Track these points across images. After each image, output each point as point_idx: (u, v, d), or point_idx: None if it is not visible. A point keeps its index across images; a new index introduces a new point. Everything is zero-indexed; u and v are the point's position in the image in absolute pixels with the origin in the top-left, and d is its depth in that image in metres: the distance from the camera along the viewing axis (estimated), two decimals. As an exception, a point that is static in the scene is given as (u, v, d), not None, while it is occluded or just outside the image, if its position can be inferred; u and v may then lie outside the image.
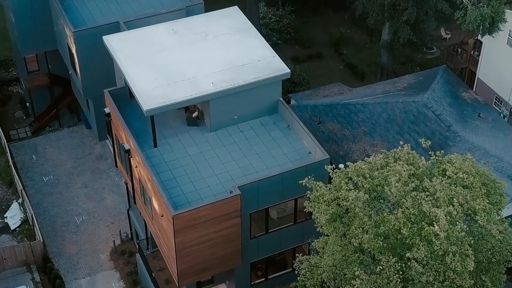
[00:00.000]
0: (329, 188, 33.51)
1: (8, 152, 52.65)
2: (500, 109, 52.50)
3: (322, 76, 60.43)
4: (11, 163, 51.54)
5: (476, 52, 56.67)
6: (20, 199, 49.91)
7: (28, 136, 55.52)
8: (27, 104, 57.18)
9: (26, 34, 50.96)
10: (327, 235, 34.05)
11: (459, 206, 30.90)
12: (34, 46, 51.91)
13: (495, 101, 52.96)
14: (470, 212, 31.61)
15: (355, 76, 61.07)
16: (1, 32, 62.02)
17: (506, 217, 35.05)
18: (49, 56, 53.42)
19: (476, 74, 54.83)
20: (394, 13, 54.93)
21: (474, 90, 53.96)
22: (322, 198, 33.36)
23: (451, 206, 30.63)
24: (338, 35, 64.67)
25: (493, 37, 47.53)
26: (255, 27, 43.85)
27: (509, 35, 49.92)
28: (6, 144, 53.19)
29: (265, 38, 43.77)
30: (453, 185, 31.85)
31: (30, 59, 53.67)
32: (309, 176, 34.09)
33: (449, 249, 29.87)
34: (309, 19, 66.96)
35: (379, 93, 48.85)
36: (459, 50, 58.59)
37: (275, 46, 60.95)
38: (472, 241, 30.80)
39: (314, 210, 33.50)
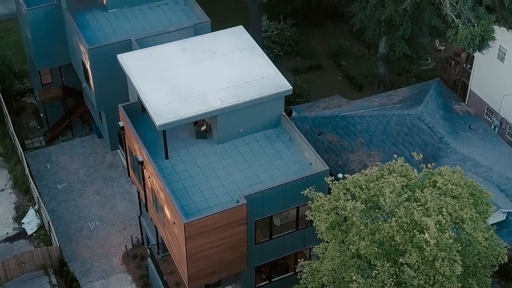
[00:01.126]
0: (329, 198, 35.62)
1: (25, 161, 54.52)
2: (491, 119, 54.42)
3: (322, 86, 62.08)
4: (27, 171, 53.40)
5: (468, 65, 58.47)
6: (36, 205, 51.81)
7: (42, 145, 57.27)
8: (41, 114, 58.85)
9: (41, 49, 52.89)
10: (327, 242, 36.09)
11: (448, 215, 33.05)
12: (49, 61, 53.85)
13: (486, 112, 54.89)
14: (458, 221, 33.71)
15: (354, 86, 62.72)
16: (15, 44, 63.88)
17: (492, 224, 37.19)
18: (63, 69, 55.11)
19: (468, 85, 56.74)
20: (390, 28, 56.53)
21: (466, 101, 55.84)
22: (322, 207, 35.46)
23: (440, 215, 32.75)
24: (337, 47, 66.37)
25: (483, 53, 49.36)
26: (258, 41, 45.20)
27: (499, 50, 51.81)
28: (22, 153, 54.94)
29: (267, 51, 45.19)
30: (442, 196, 34.00)
31: (44, 72, 55.48)
32: (310, 187, 36.31)
33: (439, 255, 31.98)
34: (309, 32, 68.62)
35: (376, 106, 50.70)
36: (453, 62, 60.43)
37: (276, 58, 62.99)
38: (460, 248, 32.86)
39: (315, 218, 35.61)
